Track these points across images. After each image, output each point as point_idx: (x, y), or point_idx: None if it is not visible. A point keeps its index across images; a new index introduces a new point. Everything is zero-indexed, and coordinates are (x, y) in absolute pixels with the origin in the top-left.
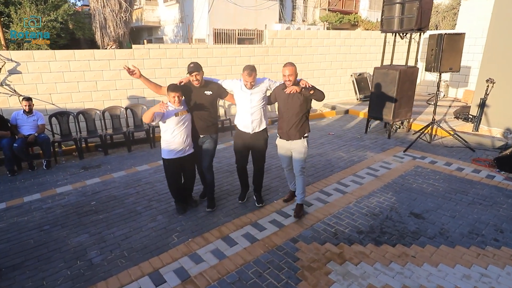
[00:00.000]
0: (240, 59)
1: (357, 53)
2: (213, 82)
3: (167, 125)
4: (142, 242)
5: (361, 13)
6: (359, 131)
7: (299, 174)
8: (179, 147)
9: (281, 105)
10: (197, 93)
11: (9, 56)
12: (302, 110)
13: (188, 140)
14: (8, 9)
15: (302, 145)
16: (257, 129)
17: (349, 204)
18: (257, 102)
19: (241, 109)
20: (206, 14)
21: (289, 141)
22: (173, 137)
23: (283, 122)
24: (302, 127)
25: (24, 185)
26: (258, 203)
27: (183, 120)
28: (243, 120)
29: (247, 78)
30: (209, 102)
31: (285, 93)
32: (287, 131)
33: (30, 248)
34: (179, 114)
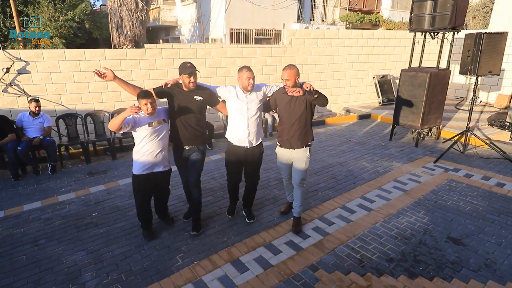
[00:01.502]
0: (257, 59)
1: (380, 54)
2: (203, 86)
3: (138, 136)
4: (142, 264)
5: (383, 13)
6: (383, 138)
7: (298, 186)
8: (151, 162)
9: (281, 111)
10: (185, 98)
11: (18, 55)
12: (305, 116)
13: (162, 155)
14: (27, 9)
15: (304, 155)
16: (255, 142)
17: (376, 224)
18: (254, 112)
19: (236, 120)
20: (223, 14)
21: (290, 149)
22: (145, 150)
23: (284, 129)
24: (305, 134)
25: (26, 192)
26: (249, 219)
27: (157, 132)
28: (239, 133)
29: (248, 74)
30: (198, 109)
31: (286, 97)
32: (288, 139)
33: (21, 266)
34: (153, 124)
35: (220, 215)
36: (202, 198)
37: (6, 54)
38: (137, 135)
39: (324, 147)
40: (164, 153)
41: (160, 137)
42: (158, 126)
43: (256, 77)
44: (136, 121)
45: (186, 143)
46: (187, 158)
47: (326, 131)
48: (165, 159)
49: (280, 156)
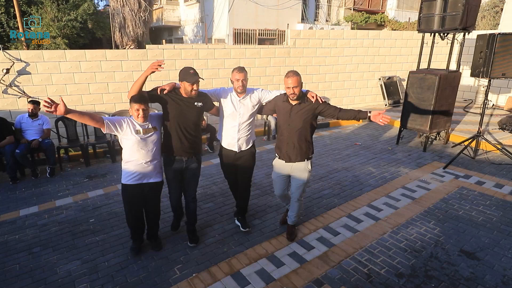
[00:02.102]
0: (260, 60)
1: (386, 55)
2: (200, 91)
3: (124, 143)
4: (139, 276)
5: (388, 13)
6: (390, 142)
7: (296, 200)
8: (140, 172)
9: (281, 120)
10: (185, 105)
11: (18, 55)
12: (306, 128)
13: (152, 165)
14: (31, 9)
15: (305, 168)
16: (244, 147)
17: (384, 234)
18: (246, 118)
19: (228, 123)
20: (226, 14)
21: (289, 163)
22: (133, 159)
23: (283, 140)
24: (305, 148)
25: (24, 196)
26: (243, 228)
27: (146, 140)
28: (228, 137)
29: (237, 76)
30: (197, 116)
31: (287, 106)
32: (288, 151)
33: (13, 276)
34: (143, 132)
35: (221, 223)
36: (205, 204)
37: (6, 55)
38: (124, 143)
39: (328, 151)
40: (155, 164)
41: (150, 146)
42: (147, 134)
43: (259, 78)
44: (122, 125)
45: (184, 153)
46: (184, 170)
47: (331, 134)
48: (156, 170)
49: (277, 169)
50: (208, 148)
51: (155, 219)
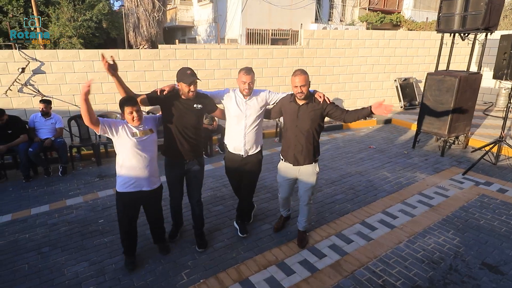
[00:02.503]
0: (272, 60)
1: (402, 56)
2: (201, 93)
3: (119, 147)
4: (146, 280)
5: (404, 13)
6: (406, 146)
7: (305, 204)
8: (135, 179)
9: (287, 121)
10: (183, 106)
11: (34, 55)
12: (313, 129)
13: (149, 170)
14: (48, 9)
15: (313, 171)
16: (251, 151)
17: (400, 244)
18: (253, 119)
19: (234, 126)
20: (240, 14)
21: (297, 166)
22: (128, 164)
23: (290, 142)
24: (313, 150)
25: (36, 194)
26: (242, 233)
27: (143, 143)
28: (235, 140)
29: (244, 78)
30: (197, 118)
31: (294, 106)
32: (295, 153)
33: (22, 276)
34: (138, 135)
35: (230, 227)
36: (214, 207)
37: (22, 54)
38: (119, 146)
39: (341, 154)
40: (151, 168)
41: (146, 150)
42: (144, 136)
43: (271, 79)
44: (118, 127)
45: (185, 156)
46: (186, 174)
47: (344, 137)
48: (153, 175)
49: (284, 172)
50: (219, 149)
51: (159, 223)
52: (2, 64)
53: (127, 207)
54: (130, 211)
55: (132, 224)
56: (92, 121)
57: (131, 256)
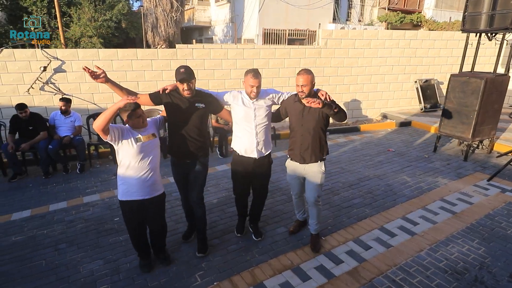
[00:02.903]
0: (289, 61)
1: (423, 57)
2: (205, 92)
3: (122, 153)
4: (159, 280)
5: (425, 12)
6: (426, 149)
7: (313, 204)
8: (140, 185)
9: (293, 121)
10: (185, 106)
11: (55, 54)
12: (319, 127)
13: (152, 178)
14: (70, 10)
15: (319, 170)
16: (264, 152)
17: (421, 252)
18: (262, 119)
19: (243, 129)
20: (257, 14)
21: (303, 164)
22: (130, 171)
23: (296, 141)
24: (319, 148)
25: (54, 191)
26: (256, 237)
27: (145, 149)
28: (246, 143)
29: (252, 82)
30: (199, 118)
31: (298, 106)
32: (301, 152)
33: (39, 272)
34: (141, 140)
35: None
36: (229, 208)
37: (44, 53)
38: (121, 153)
39: (359, 157)
40: (154, 176)
41: (149, 156)
42: (147, 141)
43: (288, 79)
44: (123, 133)
45: (187, 156)
46: (188, 173)
47: (361, 139)
48: (156, 183)
49: (291, 170)
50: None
51: (160, 235)
52: (25, 63)
53: (130, 215)
54: (134, 218)
55: (140, 231)
56: (105, 127)
57: (146, 259)
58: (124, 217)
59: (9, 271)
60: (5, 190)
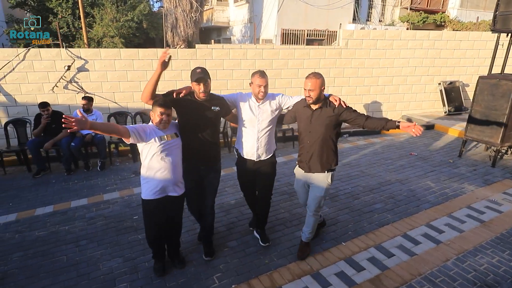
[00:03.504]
0: (309, 61)
1: (448, 58)
2: (217, 95)
3: (146, 152)
4: (177, 281)
5: (449, 12)
6: (451, 154)
7: (312, 214)
8: (162, 185)
9: (301, 127)
10: (201, 109)
11: (79, 53)
12: (328, 135)
13: (175, 176)
14: (93, 10)
15: (324, 180)
16: (264, 156)
17: (447, 261)
18: (266, 124)
19: (246, 131)
20: (275, 14)
21: (309, 173)
22: (155, 169)
23: (303, 148)
24: (326, 157)
25: (76, 187)
26: (263, 242)
27: (169, 147)
28: (247, 145)
29: (259, 81)
30: (215, 121)
31: (307, 111)
32: (307, 160)
33: (60, 268)
34: (166, 138)
35: None
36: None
37: (68, 53)
38: (145, 151)
39: (380, 160)
40: (177, 174)
41: (172, 154)
42: (171, 140)
43: None
44: (146, 132)
45: (202, 162)
46: (202, 180)
47: (382, 142)
48: (178, 181)
49: (298, 178)
50: None
51: (176, 235)
52: (50, 62)
53: (154, 214)
54: (157, 218)
55: (159, 231)
56: (120, 134)
57: (161, 261)
58: (145, 216)
59: (34, 265)
60: (30, 186)
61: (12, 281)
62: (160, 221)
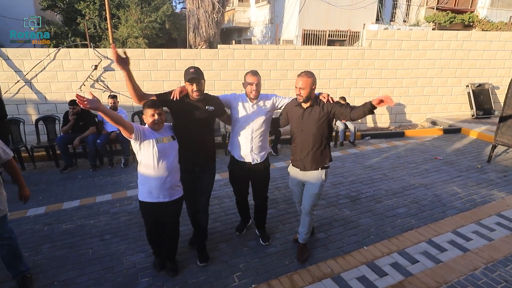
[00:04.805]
0: (331, 62)
1: (477, 59)
2: (212, 95)
3: (142, 154)
4: (198, 278)
5: (479, 12)
6: (479, 159)
7: (307, 213)
8: (158, 189)
9: (294, 126)
10: (195, 109)
11: (105, 53)
12: (320, 133)
13: (172, 179)
14: (119, 12)
15: (319, 178)
16: (259, 159)
17: (475, 270)
18: (260, 124)
19: (239, 132)
20: (297, 15)
21: (303, 171)
22: (151, 173)
23: (296, 147)
24: (320, 155)
25: (101, 183)
26: (264, 241)
27: (165, 150)
28: (241, 147)
29: (251, 79)
30: (210, 121)
31: (298, 110)
32: (301, 158)
33: (86, 260)
34: (162, 141)
35: (282, 232)
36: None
37: (95, 53)
38: (142, 153)
39: (403, 164)
40: (174, 178)
41: (168, 158)
42: (167, 143)
43: (328, 81)
44: (145, 132)
45: (197, 163)
46: (197, 180)
47: (406, 145)
48: (175, 185)
49: (292, 177)
50: (272, 151)
51: (171, 240)
52: (78, 62)
53: (150, 215)
54: (152, 219)
55: (157, 231)
56: (125, 129)
57: (160, 258)
58: (143, 215)
59: (61, 257)
60: (58, 180)
61: (41, 271)
62: (157, 223)
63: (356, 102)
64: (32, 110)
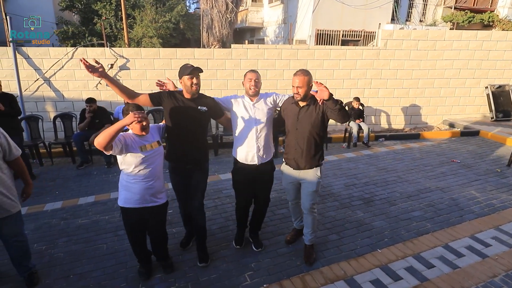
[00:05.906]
0: (345, 62)
1: (497, 60)
2: (207, 96)
3: (126, 163)
4: (209, 276)
5: (499, 11)
6: (498, 163)
7: (308, 212)
8: (143, 194)
9: (289, 124)
10: (188, 109)
11: (121, 52)
12: (315, 131)
13: (156, 185)
14: (134, 12)
15: (314, 175)
16: (265, 158)
17: (495, 278)
18: (263, 123)
19: (244, 133)
20: (310, 15)
21: (298, 170)
22: (134, 180)
23: (291, 145)
24: (314, 153)
25: (115, 180)
26: (256, 248)
27: (150, 157)
28: (247, 149)
29: (250, 75)
30: (202, 122)
31: (294, 108)
32: (295, 157)
33: (101, 255)
34: (146, 148)
35: None
36: (278, 210)
37: (111, 52)
38: (125, 162)
39: (418, 166)
40: (157, 184)
41: (153, 164)
42: (152, 150)
43: (342, 81)
44: (127, 143)
45: (188, 162)
46: (189, 180)
47: (421, 147)
48: (158, 192)
49: (286, 175)
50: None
51: (160, 244)
52: None
53: (131, 222)
54: (135, 225)
55: (140, 238)
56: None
57: (146, 264)
58: (125, 223)
59: (77, 251)
60: (74, 176)
61: (58, 264)
62: (139, 228)
63: (371, 103)
64: (50, 108)
